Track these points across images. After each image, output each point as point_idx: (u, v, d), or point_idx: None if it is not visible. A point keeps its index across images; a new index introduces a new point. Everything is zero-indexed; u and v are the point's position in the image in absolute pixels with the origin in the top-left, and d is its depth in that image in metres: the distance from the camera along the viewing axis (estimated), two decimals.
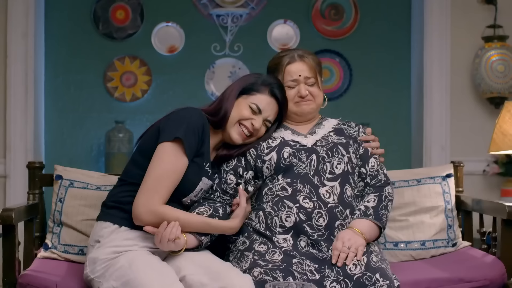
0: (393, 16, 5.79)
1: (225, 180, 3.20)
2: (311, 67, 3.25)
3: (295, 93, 3.25)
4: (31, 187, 3.62)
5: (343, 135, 3.29)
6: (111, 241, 2.96)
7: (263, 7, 5.72)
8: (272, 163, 3.16)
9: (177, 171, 2.98)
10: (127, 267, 2.87)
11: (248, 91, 3.19)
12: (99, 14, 5.61)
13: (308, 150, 3.19)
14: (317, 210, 3.06)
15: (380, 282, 2.87)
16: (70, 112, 5.60)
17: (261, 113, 3.16)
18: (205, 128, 3.07)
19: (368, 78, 5.75)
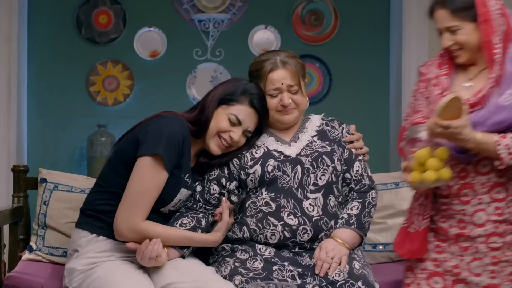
0: (372, 22, 5.84)
1: (208, 190, 3.15)
2: (294, 73, 3.14)
3: (277, 102, 3.14)
4: (15, 190, 3.66)
5: (327, 139, 3.22)
6: (88, 252, 2.97)
7: (244, 12, 5.74)
8: (256, 176, 3.10)
9: (157, 186, 2.96)
10: (103, 278, 2.88)
11: (228, 101, 3.11)
12: (82, 19, 5.62)
13: (292, 161, 3.13)
14: (302, 227, 3.05)
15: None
16: (53, 116, 5.61)
17: (241, 125, 3.09)
18: (186, 140, 3.02)
19: (347, 82, 5.78)
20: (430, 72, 3.03)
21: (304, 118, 3.29)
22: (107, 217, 2.98)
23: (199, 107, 3.12)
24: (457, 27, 2.89)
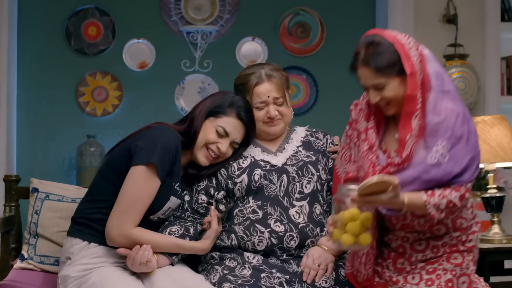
0: (358, 34, 5.61)
1: (196, 199, 3.21)
2: (279, 86, 3.21)
3: (264, 114, 3.21)
4: (7, 199, 3.68)
5: (312, 149, 3.29)
6: (81, 258, 3.01)
7: (232, 24, 5.81)
8: (243, 185, 3.16)
9: (150, 194, 3.00)
10: (99, 284, 2.92)
11: (215, 113, 3.16)
12: (71, 30, 5.68)
13: (278, 171, 3.19)
14: (289, 233, 3.10)
15: None
16: (42, 126, 5.64)
17: (228, 136, 3.15)
18: (178, 149, 3.07)
19: (334, 94, 5.82)
20: (360, 123, 3.04)
21: (290, 129, 3.35)
22: (98, 225, 3.03)
23: (188, 120, 3.17)
24: (383, 83, 2.85)
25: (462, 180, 2.80)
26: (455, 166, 2.79)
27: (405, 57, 2.78)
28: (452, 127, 2.80)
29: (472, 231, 2.98)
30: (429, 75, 2.85)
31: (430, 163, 2.78)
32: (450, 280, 2.90)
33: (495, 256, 3.98)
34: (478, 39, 5.64)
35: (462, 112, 2.82)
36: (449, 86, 2.89)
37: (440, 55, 5.48)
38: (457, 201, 2.79)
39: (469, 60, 5.49)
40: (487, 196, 4.11)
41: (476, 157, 2.85)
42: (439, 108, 2.83)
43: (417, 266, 2.96)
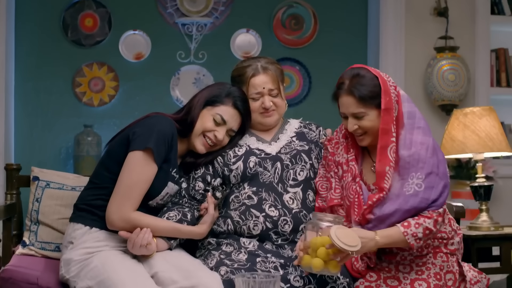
0: (351, 27, 5.96)
1: (193, 186, 3.29)
2: (274, 78, 3.31)
3: (259, 105, 3.31)
4: (8, 187, 3.73)
5: (305, 140, 3.38)
6: (83, 243, 3.08)
7: (226, 16, 5.85)
8: (239, 172, 3.25)
9: (147, 179, 3.08)
10: (101, 267, 2.99)
11: (213, 102, 3.25)
12: (68, 22, 5.70)
13: (272, 158, 3.28)
14: (283, 218, 3.18)
15: (340, 280, 3.05)
16: (40, 116, 5.66)
17: (225, 124, 3.23)
18: (174, 136, 3.16)
19: (326, 85, 5.53)
20: (339, 155, 3.18)
21: (284, 121, 3.45)
22: (99, 211, 3.11)
23: (186, 109, 3.26)
24: (363, 113, 3.00)
25: (437, 205, 2.96)
26: (431, 193, 2.95)
27: (384, 92, 2.95)
28: (423, 159, 2.97)
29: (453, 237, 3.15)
30: (403, 114, 3.02)
31: (408, 194, 2.94)
32: (438, 273, 3.05)
33: (483, 243, 4.07)
34: (468, 32, 5.73)
35: (432, 144, 3.00)
36: (420, 123, 3.05)
37: (431, 48, 5.57)
38: (432, 227, 2.95)
39: (459, 52, 5.56)
40: (476, 185, 4.20)
41: (447, 185, 3.03)
42: (409, 142, 2.99)
43: (407, 258, 3.10)
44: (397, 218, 2.97)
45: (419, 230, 2.93)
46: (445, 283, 3.07)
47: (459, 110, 4.35)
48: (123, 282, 2.90)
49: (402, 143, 3.02)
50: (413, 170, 2.98)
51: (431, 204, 2.97)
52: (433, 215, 2.96)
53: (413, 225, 2.93)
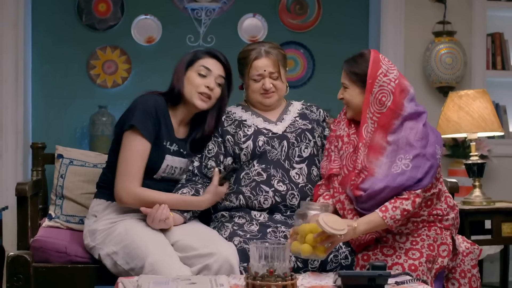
0: (353, 11, 5.95)
1: (206, 165, 3.49)
2: (275, 62, 3.48)
3: (260, 86, 3.50)
4: (34, 164, 3.97)
5: (307, 119, 3.58)
6: (106, 214, 3.32)
7: (234, 1, 5.84)
8: (249, 150, 3.45)
9: (140, 154, 3.27)
10: (124, 233, 3.21)
11: (192, 62, 3.44)
12: (83, 7, 5.67)
13: (279, 137, 3.49)
14: (290, 192, 3.41)
15: (343, 249, 3.27)
16: (56, 97, 5.66)
17: (211, 71, 3.40)
18: (158, 109, 3.32)
19: (329, 67, 5.84)
20: (340, 130, 3.40)
21: (287, 103, 3.66)
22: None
23: (171, 82, 3.48)
24: (347, 85, 3.30)
25: (422, 184, 3.15)
26: (418, 172, 3.15)
27: (370, 77, 3.18)
28: (411, 142, 3.16)
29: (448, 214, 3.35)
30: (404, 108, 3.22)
31: (396, 173, 3.14)
32: (432, 244, 3.25)
33: (476, 216, 4.27)
34: (465, 17, 5.76)
35: (421, 129, 3.18)
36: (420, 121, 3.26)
37: (429, 32, 5.64)
38: (409, 208, 3.15)
39: (456, 37, 5.62)
40: (469, 162, 4.39)
41: (434, 166, 3.19)
42: (398, 131, 3.20)
43: (403, 231, 3.32)
44: (386, 195, 3.15)
45: (397, 212, 3.12)
46: (438, 253, 3.26)
47: (454, 93, 4.51)
48: (146, 245, 3.10)
49: (392, 130, 3.21)
50: (401, 152, 3.17)
51: (417, 182, 3.14)
52: (410, 196, 3.14)
53: (391, 209, 3.12)
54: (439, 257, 3.28)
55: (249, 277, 2.66)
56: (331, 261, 3.24)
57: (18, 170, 5.35)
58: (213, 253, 3.12)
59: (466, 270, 3.43)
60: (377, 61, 3.26)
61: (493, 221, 4.32)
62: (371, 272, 2.64)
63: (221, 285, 2.74)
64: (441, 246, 3.29)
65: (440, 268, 3.28)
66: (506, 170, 5.79)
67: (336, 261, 3.25)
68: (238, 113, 3.61)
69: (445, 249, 3.29)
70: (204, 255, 3.14)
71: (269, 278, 2.62)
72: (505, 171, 5.79)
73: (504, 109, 5.89)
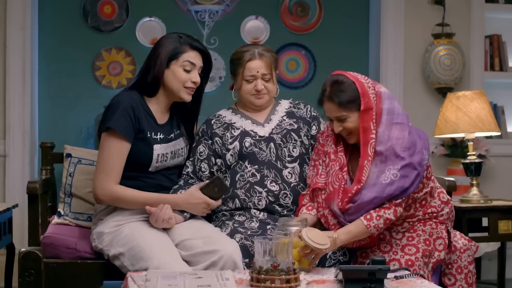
0: (353, 13, 6.01)
1: (200, 168, 3.55)
2: (268, 64, 3.53)
3: (252, 87, 3.54)
4: (43, 163, 4.02)
5: (294, 117, 3.62)
6: (112, 217, 3.36)
7: (237, 4, 5.91)
8: (235, 151, 3.51)
9: (119, 153, 3.29)
10: (130, 235, 3.25)
11: (175, 55, 3.38)
12: (88, 9, 5.74)
13: (266, 140, 3.54)
14: (283, 192, 3.47)
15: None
16: (62, 98, 5.73)
17: (195, 65, 3.41)
18: (134, 106, 3.33)
19: (330, 68, 5.38)
20: (328, 146, 3.42)
21: (275, 102, 3.71)
22: None
23: (143, 70, 3.43)
24: (345, 116, 3.25)
25: (407, 193, 3.21)
26: (405, 182, 3.19)
27: (362, 95, 3.18)
28: (397, 153, 3.19)
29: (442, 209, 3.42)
30: (382, 110, 3.25)
31: (385, 183, 3.18)
32: (428, 239, 3.33)
33: (473, 214, 4.34)
34: (464, 19, 5.81)
35: (407, 138, 3.20)
36: (398, 119, 3.27)
37: (428, 34, 5.70)
38: (392, 217, 3.22)
39: (455, 39, 5.67)
40: (467, 161, 4.45)
41: (420, 174, 3.24)
42: (386, 138, 3.21)
43: (399, 229, 3.40)
44: (375, 205, 3.21)
45: (380, 221, 3.18)
46: (434, 247, 3.34)
47: (452, 94, 4.55)
48: (150, 247, 3.16)
49: (380, 140, 3.23)
50: (390, 163, 3.20)
51: (403, 192, 3.20)
52: (391, 206, 3.20)
53: (375, 218, 3.18)
54: (436, 251, 3.36)
55: (253, 271, 2.74)
56: (330, 258, 3.32)
57: (25, 169, 5.44)
58: (217, 251, 3.19)
59: (463, 266, 3.51)
60: (356, 79, 3.28)
61: (490, 219, 4.40)
62: (371, 266, 2.72)
63: (227, 279, 2.81)
64: (437, 240, 3.37)
65: (437, 262, 3.36)
66: (504, 169, 5.85)
67: (335, 257, 3.33)
68: (228, 117, 3.67)
69: (441, 243, 3.38)
70: (209, 253, 3.21)
71: (273, 272, 2.70)
72: (503, 170, 5.85)
73: (502, 109, 5.93)
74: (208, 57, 3.52)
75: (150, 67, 3.41)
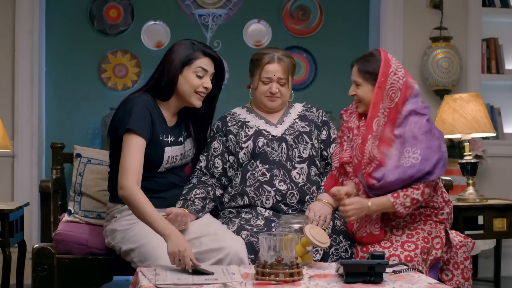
0: (353, 17, 6.06)
1: (213, 164, 3.65)
2: (286, 69, 3.61)
3: (267, 89, 3.64)
4: (54, 163, 4.11)
5: (306, 120, 3.72)
6: (124, 216, 3.46)
7: (239, 8, 5.95)
8: (249, 150, 3.61)
9: (140, 154, 3.31)
10: (141, 234, 3.34)
11: (189, 61, 3.45)
12: (94, 13, 5.80)
13: (278, 140, 3.64)
14: (290, 191, 3.57)
15: (343, 242, 3.47)
16: (69, 99, 5.78)
17: (207, 72, 3.48)
18: (150, 109, 3.40)
19: (331, 71, 5.99)
20: (351, 122, 3.61)
21: (289, 105, 3.81)
22: None
23: (157, 74, 3.49)
24: (360, 83, 3.49)
25: (433, 176, 3.38)
26: (426, 164, 3.37)
27: (381, 74, 3.37)
28: (416, 135, 3.38)
29: (443, 208, 3.56)
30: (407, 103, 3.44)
31: (406, 166, 3.36)
32: (426, 237, 3.46)
33: (469, 212, 4.45)
34: (461, 23, 5.87)
35: (425, 123, 3.39)
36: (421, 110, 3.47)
37: (426, 37, 5.77)
38: (419, 197, 3.38)
39: (453, 42, 5.73)
40: (464, 162, 4.55)
41: (442, 157, 3.41)
42: (405, 123, 3.40)
43: (400, 223, 3.53)
44: (398, 186, 3.38)
45: (407, 200, 3.35)
46: (433, 246, 3.48)
47: (449, 96, 4.65)
48: (158, 247, 3.24)
49: (399, 123, 3.41)
50: (408, 145, 3.38)
51: (426, 175, 3.36)
52: (420, 186, 3.37)
53: (402, 196, 3.35)
54: (433, 249, 3.49)
55: (258, 266, 2.86)
56: (332, 254, 3.43)
57: (33, 169, 5.53)
58: (224, 248, 3.31)
59: (459, 262, 3.64)
60: (387, 60, 3.48)
61: (485, 217, 4.50)
62: (370, 260, 2.84)
63: (233, 273, 2.94)
64: (435, 239, 3.51)
65: (434, 259, 3.49)
66: (500, 169, 5.92)
67: (337, 254, 3.44)
68: (242, 115, 3.77)
69: (439, 242, 3.51)
70: (216, 250, 3.32)
71: (277, 267, 2.82)
72: (499, 170, 5.92)
73: (498, 111, 6.01)
74: (221, 64, 3.59)
75: (164, 72, 3.47)
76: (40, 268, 3.53)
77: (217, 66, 3.57)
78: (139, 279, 2.92)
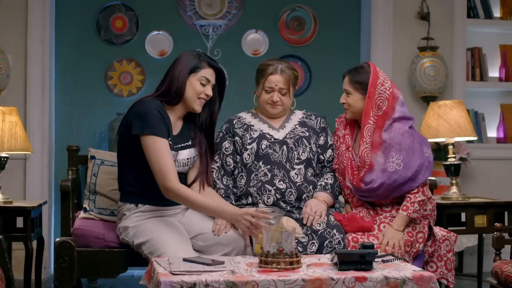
0: (346, 28, 6.25)
1: (226, 162, 3.85)
2: (287, 81, 3.80)
3: (269, 97, 3.83)
4: (70, 165, 4.29)
5: (306, 126, 3.92)
6: (135, 213, 3.64)
7: (238, 18, 6.11)
8: (253, 151, 3.80)
9: (163, 151, 3.44)
10: (152, 229, 3.55)
11: (195, 69, 3.60)
12: (101, 23, 5.98)
13: (280, 143, 3.83)
14: (289, 190, 3.77)
15: (336, 236, 3.68)
16: (77, 105, 5.94)
17: (210, 82, 3.62)
18: (161, 113, 3.51)
19: (325, 78, 6.14)
20: (339, 130, 3.89)
21: (290, 112, 4.01)
22: (135, 189, 3.61)
23: (167, 81, 3.63)
24: (350, 92, 3.75)
25: (417, 183, 3.67)
26: (407, 171, 3.66)
27: (371, 85, 3.63)
28: (399, 141, 3.65)
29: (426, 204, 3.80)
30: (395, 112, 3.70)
31: (390, 171, 3.65)
32: (411, 232, 3.72)
33: (453, 209, 4.66)
34: (447, 33, 6.01)
35: (407, 130, 3.65)
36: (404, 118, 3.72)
37: (414, 47, 5.92)
38: (423, 197, 3.67)
39: (439, 51, 5.89)
40: (448, 163, 4.76)
41: (424, 162, 3.69)
42: (390, 129, 3.66)
43: (387, 217, 3.77)
44: (383, 190, 3.65)
45: (415, 206, 3.64)
46: (416, 239, 3.72)
47: (434, 103, 4.86)
48: (168, 242, 3.47)
49: (385, 129, 3.68)
50: (393, 150, 3.66)
51: (409, 181, 3.64)
52: (418, 190, 3.66)
53: (410, 205, 3.64)
54: (416, 243, 3.74)
55: (262, 255, 3.10)
56: (327, 246, 3.67)
57: (44, 171, 5.72)
58: (230, 243, 3.57)
59: (442, 255, 3.89)
60: (376, 72, 3.75)
61: (467, 214, 4.70)
62: (361, 250, 3.10)
63: (238, 262, 3.20)
64: (418, 234, 3.76)
65: (417, 252, 3.76)
66: (483, 171, 6.08)
67: (331, 246, 3.68)
68: (247, 119, 3.98)
69: (421, 237, 3.76)
70: (222, 244, 3.58)
71: (278, 256, 3.06)
72: (482, 172, 6.07)
73: (482, 116, 6.17)
74: (222, 75, 3.78)
75: (174, 79, 3.61)
76: (62, 259, 3.74)
77: (219, 78, 3.76)
78: (154, 267, 3.12)
